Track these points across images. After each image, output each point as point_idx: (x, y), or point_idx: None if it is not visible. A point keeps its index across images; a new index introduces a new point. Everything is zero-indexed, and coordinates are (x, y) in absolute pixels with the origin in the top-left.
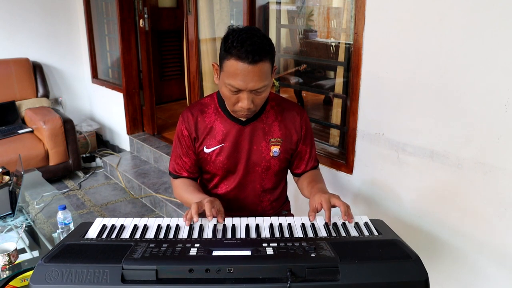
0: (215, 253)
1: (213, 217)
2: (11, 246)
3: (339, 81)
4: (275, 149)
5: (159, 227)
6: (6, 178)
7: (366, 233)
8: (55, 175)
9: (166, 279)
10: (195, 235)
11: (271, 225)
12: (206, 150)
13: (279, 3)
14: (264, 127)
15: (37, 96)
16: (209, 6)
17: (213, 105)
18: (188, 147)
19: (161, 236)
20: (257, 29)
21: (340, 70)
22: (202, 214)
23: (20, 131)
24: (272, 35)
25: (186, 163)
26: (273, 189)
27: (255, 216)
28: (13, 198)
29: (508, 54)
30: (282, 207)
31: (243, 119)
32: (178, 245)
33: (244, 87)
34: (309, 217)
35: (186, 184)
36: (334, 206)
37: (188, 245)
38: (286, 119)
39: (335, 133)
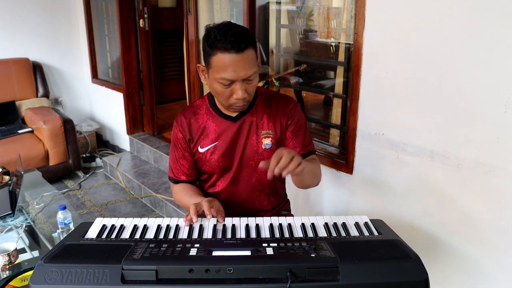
0: (215, 253)
1: (213, 216)
2: (11, 246)
3: (339, 81)
4: (266, 142)
5: (159, 227)
6: (6, 178)
7: (366, 233)
8: (55, 175)
9: (166, 279)
10: (195, 235)
11: (271, 225)
12: (200, 150)
13: (279, 3)
14: (255, 121)
15: (37, 96)
16: (209, 6)
17: (205, 106)
18: (184, 149)
19: (161, 236)
20: (232, 22)
21: (340, 70)
22: (202, 215)
23: (20, 131)
24: (272, 35)
25: (184, 165)
26: (269, 184)
27: (254, 213)
28: (13, 198)
29: (508, 54)
30: (282, 206)
31: (236, 113)
32: (178, 245)
33: (236, 77)
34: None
35: (185, 188)
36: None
37: (188, 245)
38: (275, 110)
39: (335, 133)
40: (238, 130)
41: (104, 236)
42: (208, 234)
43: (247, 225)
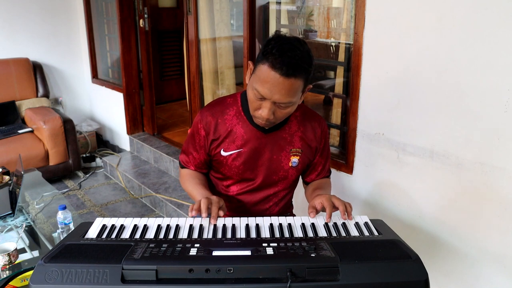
0: (215, 253)
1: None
2: (11, 246)
3: (339, 81)
4: (294, 160)
5: (159, 227)
6: (6, 178)
7: (366, 233)
8: (55, 175)
9: (166, 279)
10: (195, 235)
11: (271, 225)
12: (223, 153)
13: (279, 3)
14: (286, 137)
15: (37, 96)
16: (209, 6)
17: (236, 108)
18: (201, 146)
19: (161, 236)
20: (303, 42)
21: (340, 70)
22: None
23: (20, 131)
24: None
25: (196, 159)
26: (284, 196)
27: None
28: (13, 198)
29: (508, 54)
30: (287, 211)
31: (265, 127)
32: (178, 245)
33: (269, 96)
34: (309, 214)
35: (192, 175)
36: (334, 206)
37: (188, 245)
38: (308, 130)
39: (335, 133)
40: (266, 143)
41: (104, 236)
42: (208, 234)
43: (247, 225)
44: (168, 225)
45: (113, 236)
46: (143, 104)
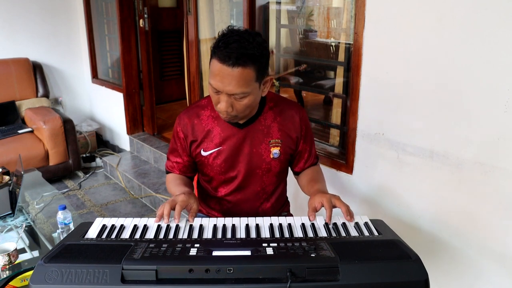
0: (215, 253)
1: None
2: (11, 246)
3: (339, 81)
4: (275, 151)
5: (159, 227)
6: (6, 178)
7: (366, 233)
8: (55, 175)
9: (166, 279)
10: (195, 235)
11: (271, 225)
12: (203, 153)
13: (279, 3)
14: (263, 129)
15: (37, 96)
16: (209, 6)
17: (210, 107)
18: (183, 149)
19: (161, 236)
20: (255, 34)
21: (340, 70)
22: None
23: (20, 131)
24: (272, 35)
25: (179, 163)
26: (274, 190)
27: (255, 217)
28: (13, 198)
29: (508, 54)
30: (282, 208)
31: (244, 120)
32: (178, 245)
33: (222, 89)
34: (309, 217)
35: (175, 178)
36: (335, 207)
37: (188, 245)
38: (285, 119)
39: (335, 133)
40: (244, 138)
41: (104, 236)
42: (208, 234)
43: (247, 225)
44: (168, 225)
45: (113, 236)
46: (143, 104)
